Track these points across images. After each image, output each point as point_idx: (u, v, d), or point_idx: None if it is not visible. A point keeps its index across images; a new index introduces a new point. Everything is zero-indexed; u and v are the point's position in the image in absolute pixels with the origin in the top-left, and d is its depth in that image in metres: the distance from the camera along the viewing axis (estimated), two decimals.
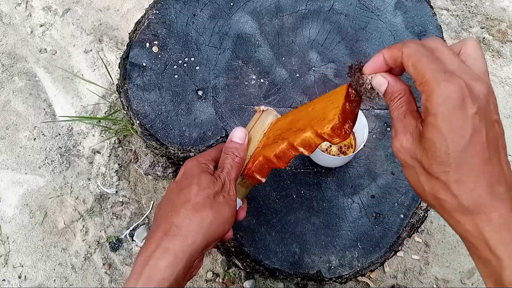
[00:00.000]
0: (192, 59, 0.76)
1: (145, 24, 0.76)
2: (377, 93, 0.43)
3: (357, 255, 0.69)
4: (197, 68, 0.75)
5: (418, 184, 0.38)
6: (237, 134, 0.55)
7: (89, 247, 1.06)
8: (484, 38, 1.30)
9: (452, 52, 0.38)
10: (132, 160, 1.13)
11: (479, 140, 0.34)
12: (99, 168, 1.13)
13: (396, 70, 0.42)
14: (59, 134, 1.16)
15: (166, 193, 0.53)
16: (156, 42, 0.75)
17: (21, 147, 1.15)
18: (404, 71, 0.40)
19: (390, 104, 0.41)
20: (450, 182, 0.35)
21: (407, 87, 0.41)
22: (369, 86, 0.43)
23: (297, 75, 0.76)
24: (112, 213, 1.09)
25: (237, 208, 0.54)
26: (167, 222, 0.47)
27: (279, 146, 0.50)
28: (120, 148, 1.15)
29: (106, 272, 1.05)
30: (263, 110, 0.60)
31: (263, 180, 0.54)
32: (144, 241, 1.06)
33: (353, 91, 0.46)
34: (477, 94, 0.35)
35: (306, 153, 0.49)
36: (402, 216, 0.71)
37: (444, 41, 0.77)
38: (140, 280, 0.44)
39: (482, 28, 1.32)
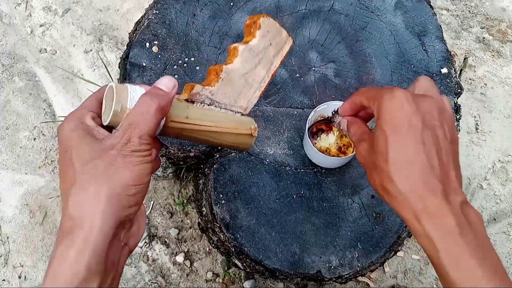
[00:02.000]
0: (192, 59, 0.76)
1: (145, 24, 0.76)
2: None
3: (357, 255, 0.69)
4: (197, 68, 0.75)
5: (372, 178, 0.44)
6: (164, 82, 0.44)
7: None
8: (484, 38, 1.30)
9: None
10: None
11: (413, 134, 0.41)
12: None
13: (362, 116, 0.52)
14: None
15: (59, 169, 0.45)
16: (156, 42, 0.75)
17: (21, 147, 1.15)
18: (371, 116, 0.52)
19: (349, 135, 0.51)
20: (389, 170, 0.41)
21: (360, 120, 0.51)
22: (339, 126, 0.53)
23: (297, 75, 0.76)
24: None
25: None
26: (63, 216, 0.40)
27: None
28: None
29: None
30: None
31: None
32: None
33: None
34: (418, 101, 0.42)
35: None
36: None
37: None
38: (46, 280, 0.38)
39: (482, 28, 1.32)
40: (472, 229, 0.40)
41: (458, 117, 0.77)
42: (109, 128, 0.44)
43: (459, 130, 0.77)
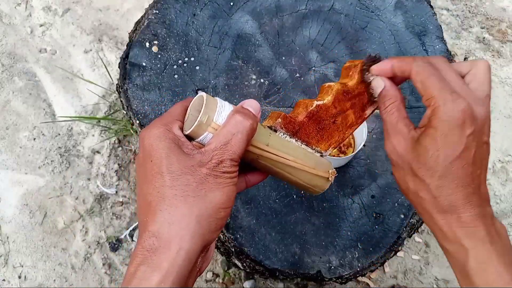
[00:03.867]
0: (192, 59, 0.76)
1: (145, 24, 0.76)
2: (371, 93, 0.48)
3: (357, 255, 0.69)
4: (197, 68, 0.75)
5: (404, 182, 0.44)
6: (252, 104, 0.42)
7: (89, 247, 1.06)
8: (484, 38, 1.30)
9: (456, 74, 0.42)
10: (132, 160, 1.13)
11: (467, 156, 0.40)
12: (99, 168, 1.13)
13: (398, 80, 0.46)
14: (59, 134, 1.16)
15: (137, 177, 0.42)
16: (156, 42, 0.75)
17: (21, 147, 1.15)
18: (403, 81, 0.47)
19: (381, 106, 0.46)
20: (432, 185, 0.41)
21: (400, 95, 0.46)
22: (369, 83, 0.48)
23: (297, 75, 0.76)
24: (112, 213, 1.09)
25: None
26: (144, 231, 0.38)
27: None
28: (120, 148, 1.15)
29: (106, 272, 1.04)
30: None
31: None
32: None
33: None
34: (476, 116, 0.40)
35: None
36: (402, 216, 0.71)
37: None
38: None
39: (482, 28, 1.32)
40: (501, 239, 0.41)
41: None
42: (188, 137, 0.41)
43: None
